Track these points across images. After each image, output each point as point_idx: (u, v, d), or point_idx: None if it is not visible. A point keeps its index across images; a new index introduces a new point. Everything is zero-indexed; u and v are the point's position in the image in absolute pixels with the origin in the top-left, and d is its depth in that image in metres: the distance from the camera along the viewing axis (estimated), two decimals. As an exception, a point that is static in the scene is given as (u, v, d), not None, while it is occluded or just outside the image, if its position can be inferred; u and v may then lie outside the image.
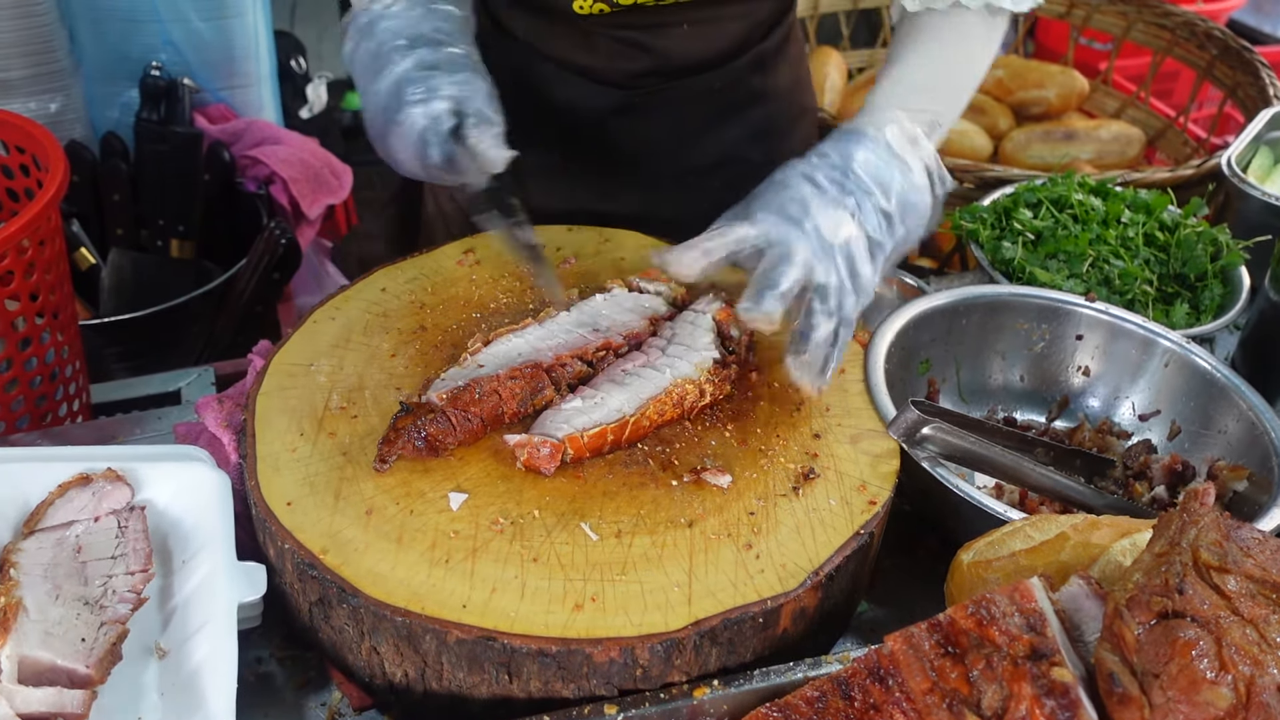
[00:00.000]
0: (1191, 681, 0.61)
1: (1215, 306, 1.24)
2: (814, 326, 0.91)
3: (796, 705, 0.71)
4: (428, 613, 0.75)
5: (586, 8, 1.15)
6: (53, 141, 1.13)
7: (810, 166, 0.96)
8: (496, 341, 0.95)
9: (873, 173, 0.95)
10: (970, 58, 1.09)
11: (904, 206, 0.96)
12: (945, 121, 1.06)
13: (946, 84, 1.08)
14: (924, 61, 1.07)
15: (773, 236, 0.91)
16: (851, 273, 0.93)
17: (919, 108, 1.02)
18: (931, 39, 1.07)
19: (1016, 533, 0.83)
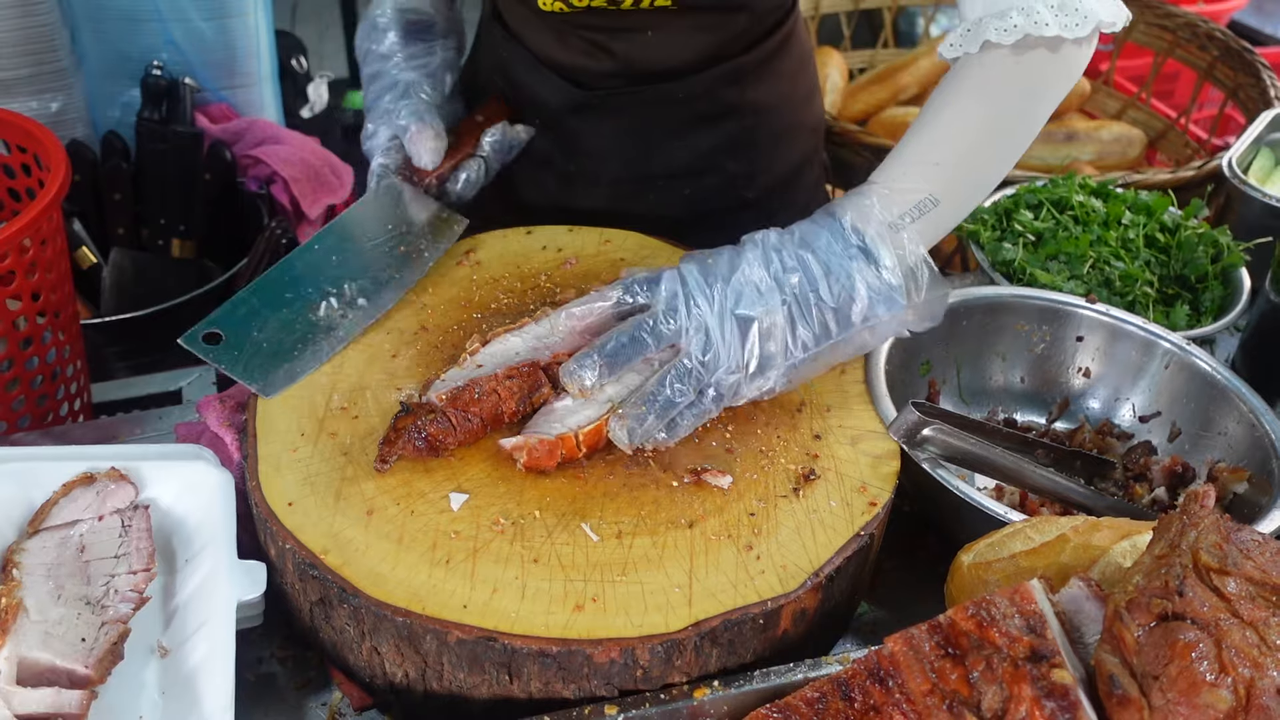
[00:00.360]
0: (1191, 683, 0.61)
1: (1216, 308, 1.24)
2: (656, 394, 0.86)
3: (796, 706, 0.71)
4: (428, 613, 0.75)
5: (549, 5, 1.16)
6: (54, 141, 1.13)
7: (766, 238, 0.92)
8: (495, 341, 0.95)
9: (825, 262, 0.89)
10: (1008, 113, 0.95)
11: (849, 299, 0.88)
12: (948, 200, 0.93)
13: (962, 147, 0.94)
14: (936, 119, 0.95)
15: (662, 303, 0.88)
16: (748, 352, 0.87)
17: (913, 184, 0.92)
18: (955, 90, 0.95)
19: (1017, 534, 0.83)
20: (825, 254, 0.90)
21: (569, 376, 0.87)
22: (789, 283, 0.88)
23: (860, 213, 0.91)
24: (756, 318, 0.87)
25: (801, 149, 1.39)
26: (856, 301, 0.89)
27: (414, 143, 1.14)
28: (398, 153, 1.16)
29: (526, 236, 1.17)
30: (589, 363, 0.86)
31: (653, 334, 0.87)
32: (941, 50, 0.97)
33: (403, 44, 1.20)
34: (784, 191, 1.37)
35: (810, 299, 0.88)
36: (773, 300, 0.88)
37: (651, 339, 0.87)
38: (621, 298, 0.91)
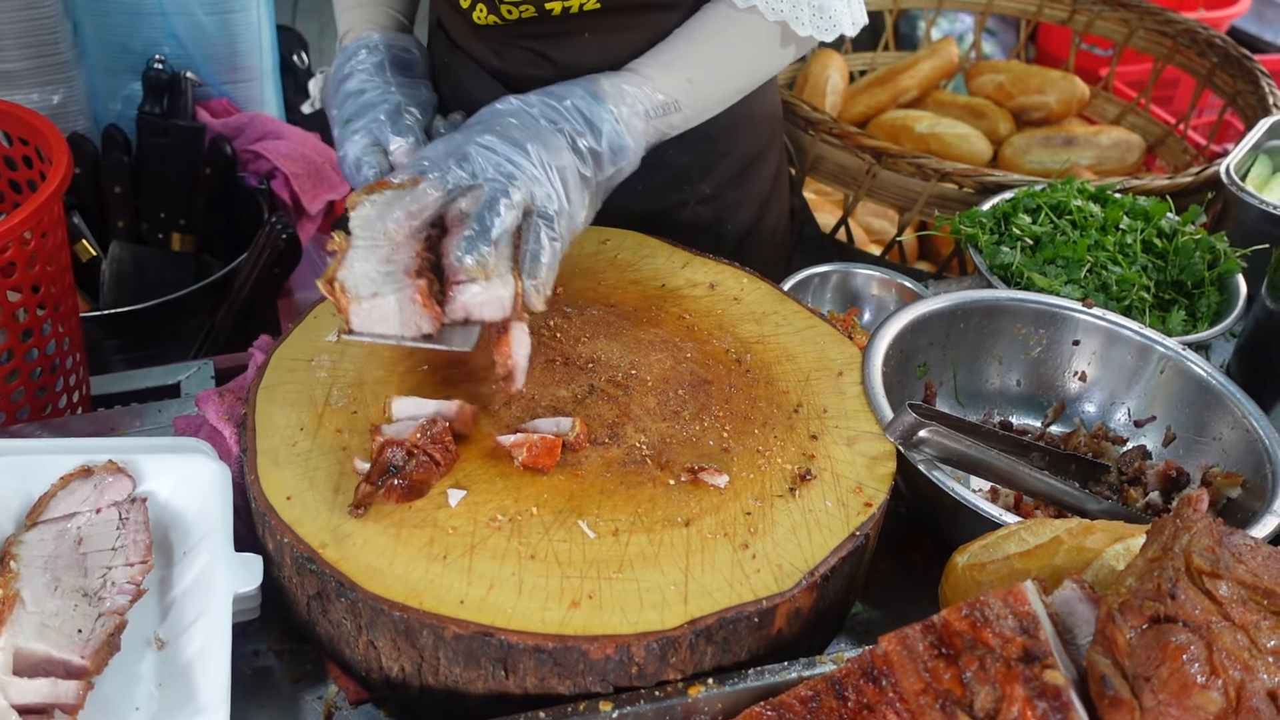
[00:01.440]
0: (1182, 685, 0.62)
1: (1212, 314, 1.25)
2: (542, 249, 0.93)
3: (790, 704, 0.72)
4: (425, 608, 0.76)
5: (483, 19, 1.19)
6: (56, 133, 1.13)
7: (527, 101, 1.02)
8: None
9: (585, 112, 1.02)
10: (748, 67, 1.15)
11: (614, 148, 1.02)
12: (685, 111, 1.10)
13: (708, 78, 1.12)
14: (698, 48, 1.11)
15: (489, 171, 0.94)
16: (569, 198, 0.98)
17: (664, 85, 1.07)
18: (718, 31, 1.11)
19: (1011, 536, 0.83)
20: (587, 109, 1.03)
21: (472, 260, 0.88)
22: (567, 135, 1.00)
23: (621, 96, 1.05)
24: (564, 166, 0.98)
25: (756, 139, 1.39)
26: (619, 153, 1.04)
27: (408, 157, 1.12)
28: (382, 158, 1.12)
29: (526, 234, 1.17)
30: (484, 245, 0.89)
31: (511, 201, 0.92)
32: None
33: (391, 73, 1.19)
34: (741, 183, 1.38)
35: (585, 150, 1.01)
36: (563, 151, 0.99)
37: (515, 206, 0.92)
38: (445, 181, 0.94)
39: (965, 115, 2.12)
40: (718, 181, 1.34)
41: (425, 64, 1.26)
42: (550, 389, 0.96)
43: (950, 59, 2.21)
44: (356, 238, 0.90)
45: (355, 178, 1.12)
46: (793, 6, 1.08)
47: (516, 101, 1.02)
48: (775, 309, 1.10)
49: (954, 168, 1.55)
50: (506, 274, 0.89)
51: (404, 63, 1.22)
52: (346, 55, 1.21)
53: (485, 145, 0.96)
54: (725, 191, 1.36)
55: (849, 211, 1.77)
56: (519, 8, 1.15)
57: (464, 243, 0.89)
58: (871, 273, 1.36)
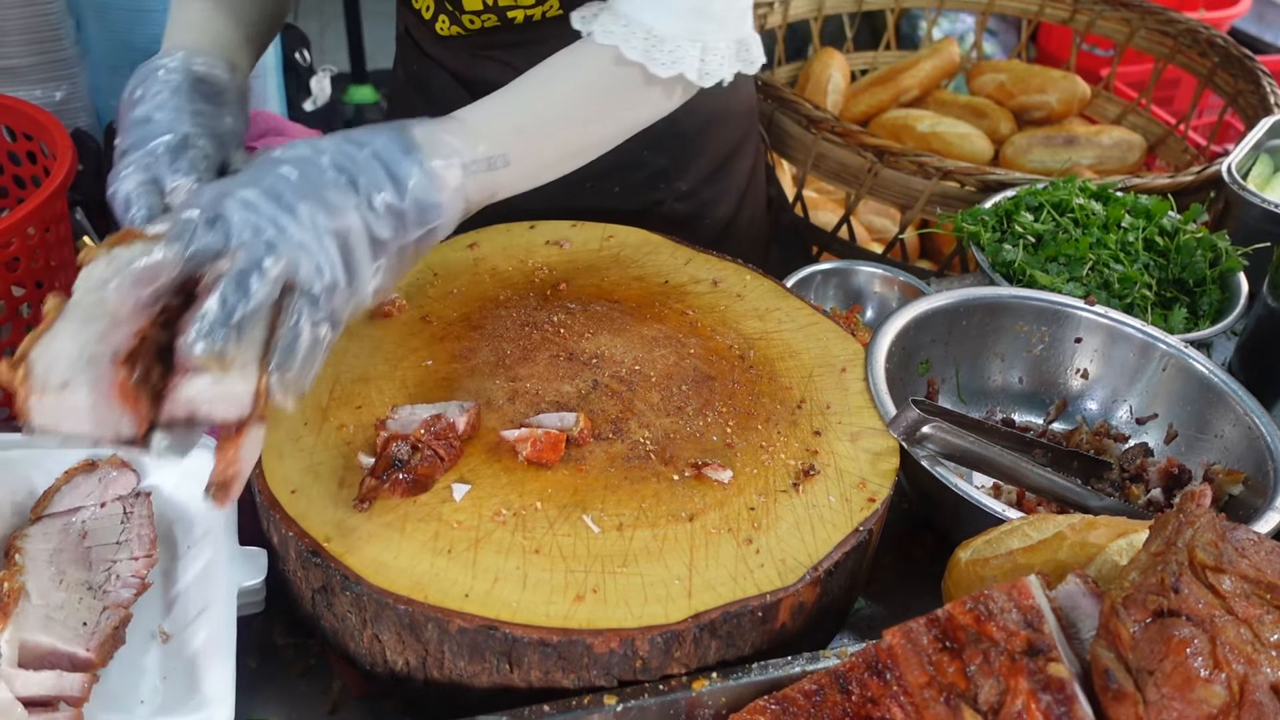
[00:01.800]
0: (1185, 679, 0.62)
1: (1213, 312, 1.25)
2: (299, 336, 0.75)
3: (794, 698, 0.72)
4: (430, 601, 0.76)
5: (446, 30, 1.16)
6: (60, 128, 1.13)
7: (318, 146, 0.83)
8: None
9: (388, 162, 0.83)
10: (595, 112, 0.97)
11: (420, 209, 0.84)
12: (516, 168, 0.92)
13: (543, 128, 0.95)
14: (533, 93, 0.95)
15: (245, 234, 0.75)
16: (349, 268, 0.80)
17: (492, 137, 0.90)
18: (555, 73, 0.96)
19: (1014, 531, 0.83)
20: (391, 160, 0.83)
21: (204, 349, 0.71)
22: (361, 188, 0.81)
23: (435, 145, 0.86)
24: (346, 231, 0.80)
25: (732, 134, 1.37)
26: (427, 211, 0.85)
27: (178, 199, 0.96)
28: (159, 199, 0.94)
29: (529, 231, 1.18)
30: (220, 331, 0.72)
31: (264, 277, 0.74)
32: (573, 18, 0.98)
33: (188, 99, 1.00)
34: (718, 178, 1.37)
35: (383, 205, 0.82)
36: (347, 211, 0.80)
37: (269, 282, 0.74)
38: (187, 243, 0.75)
39: (966, 115, 2.12)
40: (695, 178, 1.33)
41: (239, 94, 1.06)
42: (554, 384, 0.96)
43: (951, 58, 2.22)
44: (72, 305, 0.72)
45: (123, 219, 0.94)
46: (627, 31, 0.93)
47: (305, 148, 0.83)
48: (778, 305, 1.10)
49: (956, 166, 1.56)
50: (251, 365, 0.74)
51: (210, 89, 1.03)
52: (140, 76, 1.01)
53: (245, 201, 0.77)
54: (703, 188, 1.35)
55: (850, 210, 1.77)
56: (481, 17, 1.13)
57: (197, 327, 0.72)
58: (874, 270, 1.37)
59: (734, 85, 1.39)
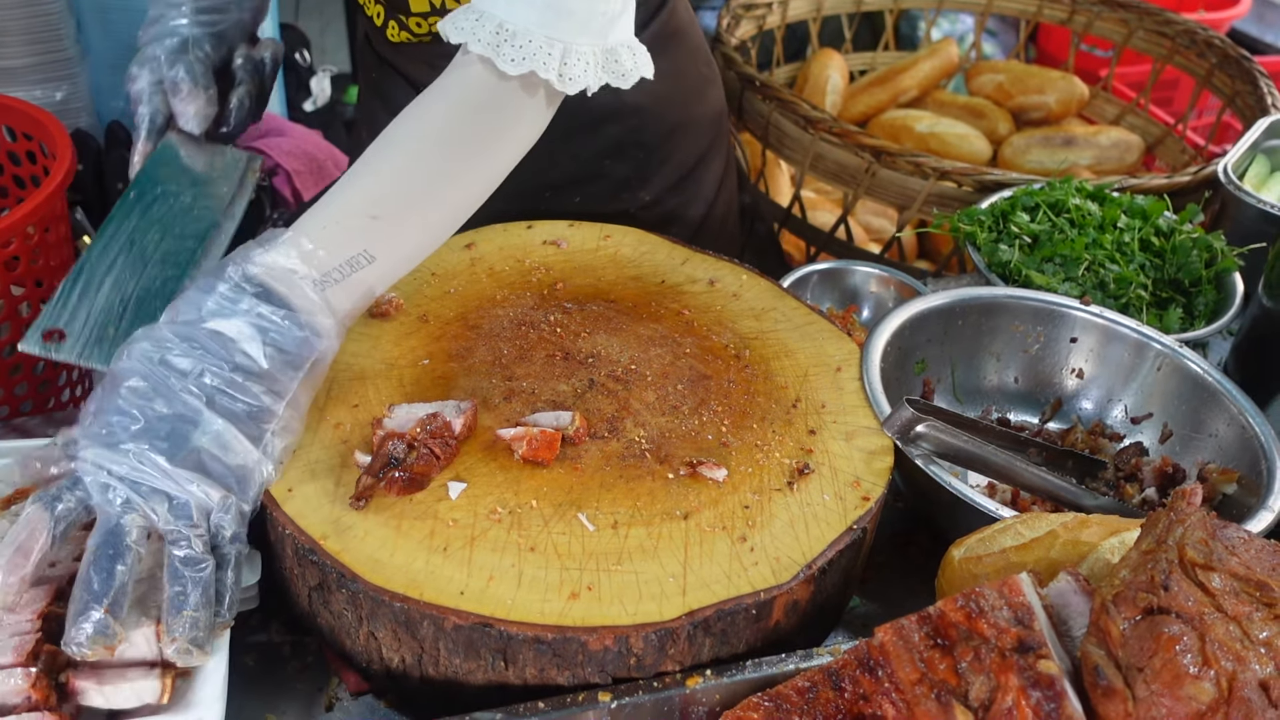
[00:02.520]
0: (1175, 676, 0.62)
1: (1209, 312, 1.25)
2: (184, 593, 0.72)
3: (787, 695, 0.72)
4: (426, 599, 0.76)
5: (396, 37, 1.15)
6: (60, 128, 1.14)
7: (156, 341, 0.77)
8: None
9: (235, 331, 0.78)
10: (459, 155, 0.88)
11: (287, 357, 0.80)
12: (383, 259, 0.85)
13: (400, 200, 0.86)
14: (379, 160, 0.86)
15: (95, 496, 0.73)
16: (216, 478, 0.76)
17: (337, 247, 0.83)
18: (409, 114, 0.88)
19: (1007, 530, 0.84)
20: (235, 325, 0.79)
21: (82, 644, 0.68)
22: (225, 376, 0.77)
23: (277, 275, 0.80)
24: (204, 445, 0.76)
25: (698, 143, 1.35)
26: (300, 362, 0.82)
27: (184, 102, 1.07)
28: (163, 101, 1.07)
29: (527, 230, 1.18)
30: (94, 615, 0.68)
31: (121, 548, 0.71)
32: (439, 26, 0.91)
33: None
34: (684, 188, 1.36)
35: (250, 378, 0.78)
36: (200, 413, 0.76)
37: (129, 551, 0.71)
38: (52, 506, 0.72)
39: (965, 115, 2.13)
40: (659, 188, 1.32)
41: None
42: (550, 383, 0.96)
43: (950, 59, 2.22)
44: None
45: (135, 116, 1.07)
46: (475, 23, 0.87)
47: (137, 361, 0.76)
48: (774, 305, 1.10)
49: (953, 166, 1.56)
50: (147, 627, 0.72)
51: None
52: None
53: (92, 459, 0.74)
54: (667, 197, 1.34)
55: (848, 210, 1.78)
56: (428, 20, 1.12)
57: (73, 617, 0.68)
58: (870, 270, 1.37)
59: (699, 94, 1.37)
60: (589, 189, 1.28)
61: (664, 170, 1.30)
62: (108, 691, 0.70)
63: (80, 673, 0.71)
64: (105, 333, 0.88)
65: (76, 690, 0.70)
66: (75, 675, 0.71)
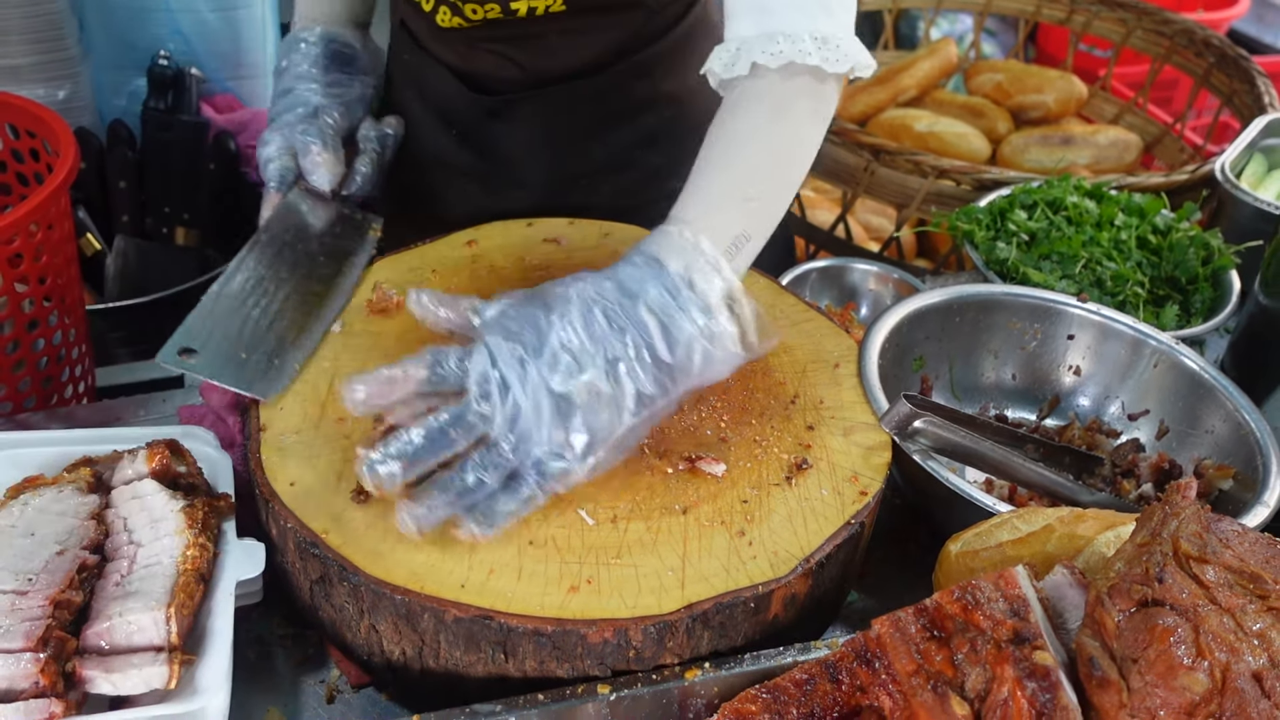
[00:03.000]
0: (1169, 667, 0.63)
1: (1205, 310, 1.26)
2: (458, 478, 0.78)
3: (785, 687, 0.73)
4: (427, 592, 0.77)
5: (447, 22, 1.18)
6: (63, 126, 1.14)
7: (588, 288, 0.83)
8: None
9: (661, 314, 0.81)
10: (798, 141, 0.94)
11: (688, 355, 0.82)
12: (758, 235, 0.91)
13: (769, 180, 0.93)
14: (734, 150, 0.93)
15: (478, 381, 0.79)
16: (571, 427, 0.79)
17: (729, 220, 0.89)
18: (736, 115, 0.94)
19: (1004, 524, 0.84)
20: (658, 306, 0.82)
21: (367, 472, 0.77)
22: (620, 343, 0.80)
23: (684, 257, 0.85)
24: (575, 392, 0.79)
25: None
26: (695, 355, 0.82)
27: (314, 162, 1.12)
28: (292, 159, 1.13)
29: (527, 228, 1.19)
30: (391, 461, 0.77)
31: (461, 426, 0.78)
32: (712, 68, 0.96)
33: (323, 70, 1.19)
34: None
35: (646, 357, 0.81)
36: (595, 367, 0.79)
37: (461, 434, 0.78)
38: (431, 375, 0.80)
39: (964, 114, 2.14)
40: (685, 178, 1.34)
41: (370, 59, 1.24)
42: (550, 379, 0.97)
43: (949, 59, 2.23)
44: None
45: (263, 175, 1.13)
46: (792, 43, 0.93)
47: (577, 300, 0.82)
48: (773, 302, 1.11)
49: (951, 165, 1.57)
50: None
51: (344, 58, 1.20)
52: (285, 48, 1.20)
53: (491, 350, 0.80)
54: None
55: (847, 208, 1.78)
56: (484, 8, 1.14)
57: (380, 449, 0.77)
58: (868, 268, 1.38)
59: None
60: (620, 178, 1.29)
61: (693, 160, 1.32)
62: (115, 679, 0.71)
63: (88, 661, 0.72)
64: (235, 356, 0.94)
65: (84, 679, 0.71)
66: (82, 663, 0.71)
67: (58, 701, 0.68)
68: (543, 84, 1.23)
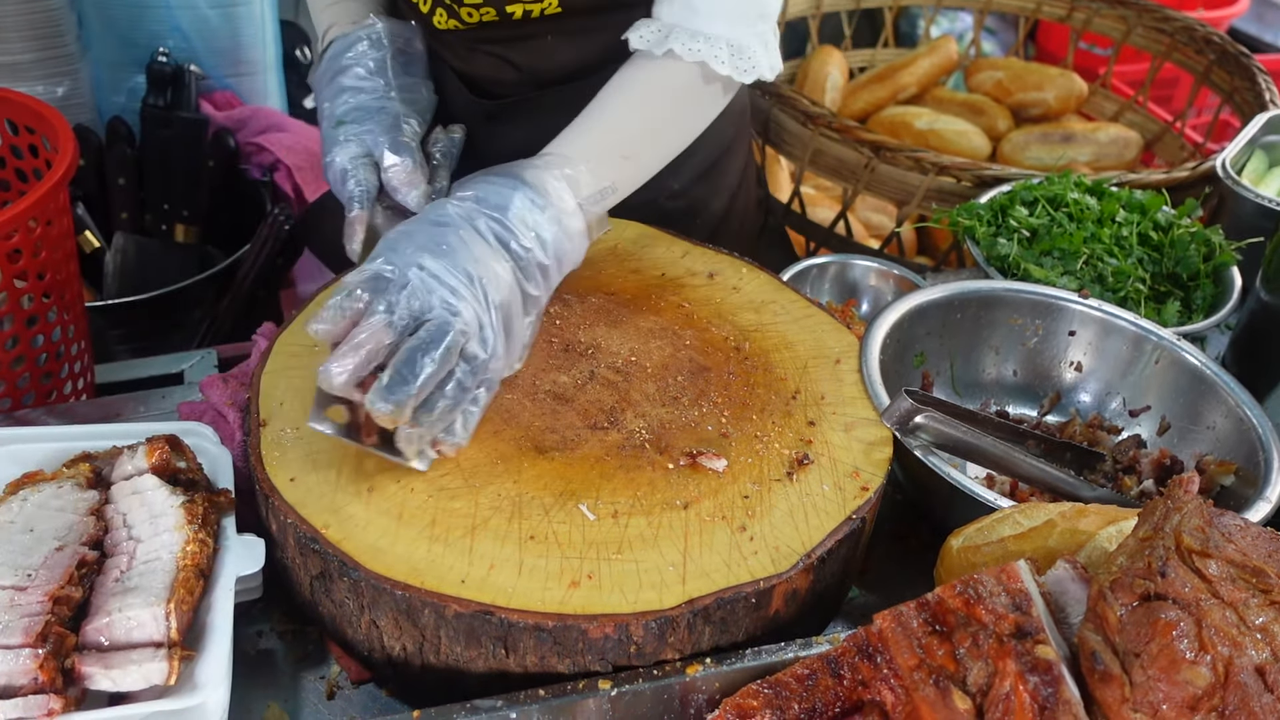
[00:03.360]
0: (1171, 661, 0.63)
1: (1207, 306, 1.26)
2: (446, 395, 0.82)
3: (787, 683, 0.73)
4: (427, 587, 0.77)
5: (443, 24, 1.17)
6: (62, 122, 1.14)
7: (467, 210, 0.89)
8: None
9: (532, 224, 0.91)
10: (677, 118, 1.06)
11: (560, 257, 0.93)
12: (623, 189, 1.01)
13: (642, 143, 1.04)
14: (626, 113, 1.03)
15: (432, 302, 0.83)
16: (508, 333, 0.87)
17: (600, 170, 0.97)
18: (641, 88, 1.04)
19: (1006, 519, 0.84)
20: (533, 220, 0.91)
21: (381, 406, 0.79)
22: (515, 254, 0.89)
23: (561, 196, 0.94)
24: (508, 302, 0.87)
25: (725, 133, 1.38)
26: (565, 261, 0.94)
27: (405, 182, 1.06)
28: (374, 174, 1.07)
29: (527, 224, 1.18)
30: (402, 392, 0.79)
31: (446, 342, 0.81)
32: (631, 38, 1.04)
33: (395, 72, 1.13)
34: (710, 177, 1.38)
35: (534, 265, 0.91)
36: (507, 279, 0.88)
37: (450, 349, 0.82)
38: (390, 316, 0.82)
39: (964, 112, 2.13)
40: (687, 177, 1.34)
41: (426, 60, 1.21)
42: (551, 375, 0.97)
43: (949, 56, 2.23)
44: None
45: (340, 189, 1.06)
46: (710, 46, 1.02)
47: (460, 212, 0.89)
48: (774, 298, 1.11)
49: (952, 161, 1.56)
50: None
51: (407, 59, 1.16)
52: (347, 43, 1.14)
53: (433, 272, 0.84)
54: (693, 187, 1.36)
55: (848, 205, 1.78)
56: (479, 10, 1.13)
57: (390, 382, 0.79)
58: (869, 264, 1.38)
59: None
60: None
61: (692, 161, 1.32)
62: (115, 675, 0.71)
63: (87, 657, 0.71)
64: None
65: (83, 675, 0.71)
66: (82, 660, 0.71)
67: (57, 698, 0.68)
68: (540, 85, 1.24)
